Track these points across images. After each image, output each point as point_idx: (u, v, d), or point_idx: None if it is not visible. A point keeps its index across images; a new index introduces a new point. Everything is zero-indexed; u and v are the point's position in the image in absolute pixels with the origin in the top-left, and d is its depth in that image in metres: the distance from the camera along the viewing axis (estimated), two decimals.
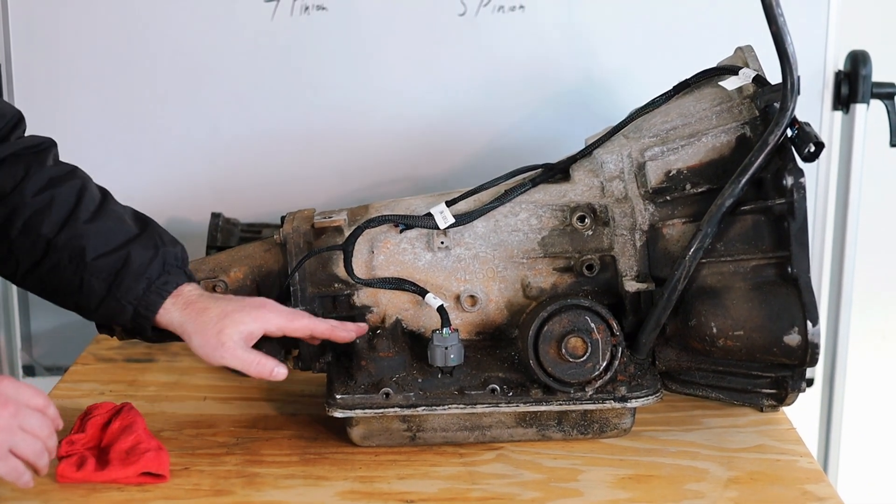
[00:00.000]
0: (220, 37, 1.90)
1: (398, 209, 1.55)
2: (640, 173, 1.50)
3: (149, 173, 1.94)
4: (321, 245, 1.52)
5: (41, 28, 1.90)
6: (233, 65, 1.91)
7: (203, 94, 1.92)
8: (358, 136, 1.94)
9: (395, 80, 1.92)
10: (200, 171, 1.95)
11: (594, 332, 1.44)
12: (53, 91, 1.93)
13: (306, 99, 1.92)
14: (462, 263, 1.51)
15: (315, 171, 1.95)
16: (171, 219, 1.96)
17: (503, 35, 1.90)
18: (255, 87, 1.92)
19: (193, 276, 1.47)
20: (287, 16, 1.90)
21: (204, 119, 1.93)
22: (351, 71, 1.91)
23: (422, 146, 1.94)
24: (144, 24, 1.89)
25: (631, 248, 1.48)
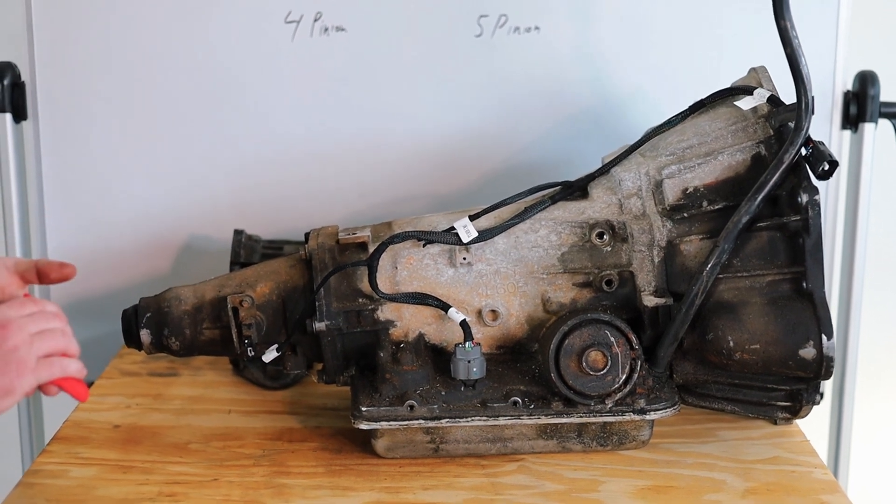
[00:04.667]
0: (240, 57, 1.93)
1: (420, 225, 1.59)
2: (658, 191, 1.53)
3: (171, 191, 1.98)
4: (345, 261, 1.56)
5: (65, 48, 1.93)
6: (253, 84, 1.94)
7: (224, 113, 1.95)
8: (376, 155, 1.97)
9: (413, 100, 1.95)
10: (221, 189, 1.98)
11: (614, 346, 1.47)
12: (76, 110, 1.96)
13: (325, 118, 1.95)
14: (483, 279, 1.55)
15: (334, 189, 1.98)
16: (193, 235, 1.99)
17: (519, 55, 1.94)
18: (275, 107, 1.95)
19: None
20: (307, 36, 1.93)
21: (225, 138, 1.96)
22: (369, 91, 1.95)
23: (439, 164, 1.97)
24: (167, 44, 1.93)
25: (649, 263, 1.52)
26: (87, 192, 1.98)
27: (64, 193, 1.98)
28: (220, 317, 1.57)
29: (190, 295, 1.59)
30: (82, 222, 2.00)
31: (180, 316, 1.57)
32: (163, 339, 1.58)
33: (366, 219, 1.97)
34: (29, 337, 1.30)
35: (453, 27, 1.93)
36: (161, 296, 1.60)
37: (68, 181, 1.98)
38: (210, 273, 1.88)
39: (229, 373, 1.80)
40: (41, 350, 1.31)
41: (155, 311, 1.58)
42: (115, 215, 1.99)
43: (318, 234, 1.61)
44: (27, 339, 1.29)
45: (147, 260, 2.01)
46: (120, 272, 2.01)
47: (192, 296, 1.59)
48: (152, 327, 1.58)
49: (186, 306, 1.58)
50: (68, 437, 1.58)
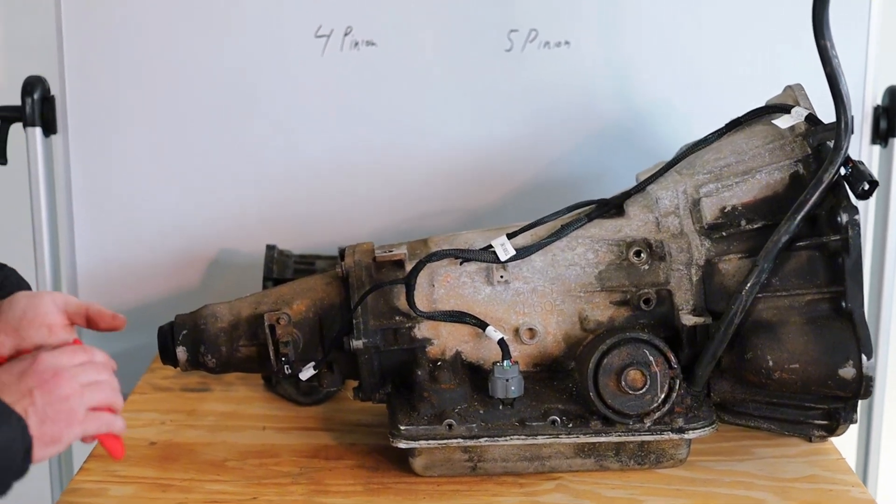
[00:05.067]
0: (271, 71, 1.94)
1: (457, 243, 1.59)
2: (696, 209, 1.53)
3: (200, 205, 1.98)
4: (382, 278, 1.56)
5: (94, 62, 1.93)
6: (284, 98, 1.95)
7: (254, 127, 1.96)
8: (406, 169, 1.97)
9: (443, 115, 1.95)
10: (251, 203, 1.98)
11: (653, 365, 1.47)
12: (106, 124, 1.96)
13: (356, 132, 1.96)
14: (521, 297, 1.55)
15: (364, 203, 1.98)
16: (223, 249, 2.00)
17: (548, 70, 1.94)
18: (305, 121, 1.95)
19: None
20: (337, 51, 1.94)
21: (255, 151, 1.96)
22: (399, 105, 1.95)
23: (469, 179, 1.97)
24: (197, 59, 1.93)
25: (687, 282, 1.52)
26: (116, 205, 1.99)
27: (93, 207, 1.98)
28: (257, 334, 1.57)
29: (226, 312, 1.59)
30: (111, 236, 2.00)
31: (216, 333, 1.57)
32: (199, 356, 1.58)
33: (396, 233, 1.98)
34: (80, 388, 1.29)
35: (484, 42, 1.93)
36: (197, 313, 1.60)
37: (97, 195, 1.98)
38: (239, 287, 1.89)
39: (261, 388, 1.80)
40: (90, 402, 1.30)
41: (191, 329, 1.58)
42: (144, 229, 2.00)
43: (354, 251, 1.61)
44: (78, 390, 1.28)
45: (176, 273, 2.01)
46: (149, 286, 2.01)
47: (228, 313, 1.59)
48: (188, 345, 1.58)
49: (223, 323, 1.58)
50: (105, 455, 1.58)
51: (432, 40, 1.93)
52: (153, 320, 1.67)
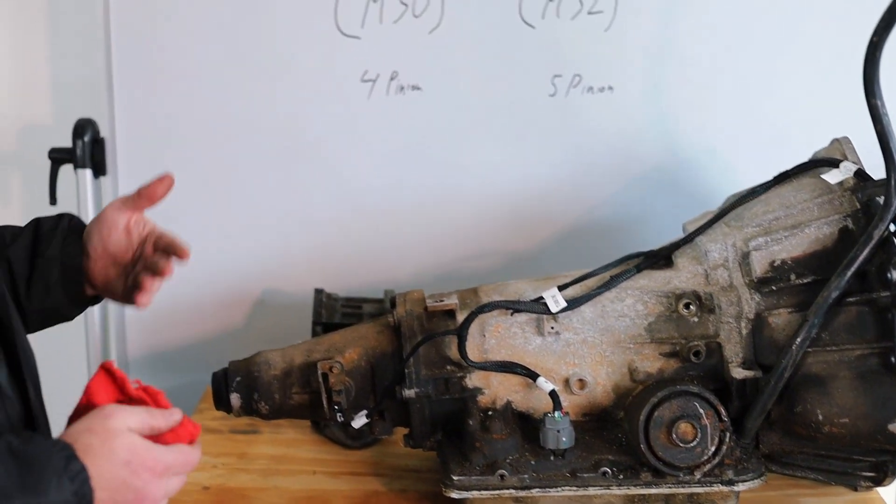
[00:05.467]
0: (318, 114, 1.96)
1: (507, 293, 1.61)
2: (745, 262, 1.55)
3: (247, 246, 2.00)
4: (434, 328, 1.58)
5: (144, 105, 1.96)
6: (330, 141, 1.97)
7: (301, 169, 1.98)
8: (451, 211, 2.00)
9: (487, 158, 1.98)
10: (297, 244, 2.01)
11: (703, 418, 1.49)
12: (155, 166, 1.95)
13: (400, 175, 1.98)
14: (571, 348, 1.57)
15: (409, 244, 2.01)
16: (268, 290, 2.02)
17: (592, 115, 1.96)
18: (350, 164, 1.98)
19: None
20: (383, 95, 1.96)
21: (301, 194, 1.99)
22: (444, 148, 1.98)
23: (512, 221, 2.00)
24: (247, 103, 1.96)
25: (737, 335, 1.54)
26: None
27: None
28: (310, 382, 1.59)
29: (279, 360, 1.61)
30: None
31: (270, 381, 1.60)
32: (252, 403, 1.60)
33: (439, 274, 2.00)
34: (164, 495, 1.24)
35: (528, 86, 1.95)
36: (250, 360, 1.62)
37: None
38: (285, 327, 1.92)
39: (309, 430, 1.82)
40: (168, 494, 1.26)
41: (245, 376, 1.60)
42: (191, 269, 1.97)
43: (405, 300, 1.63)
44: (161, 496, 1.24)
45: (222, 313, 2.04)
46: (196, 325, 2.04)
47: (280, 360, 1.61)
48: (242, 391, 1.60)
49: (276, 371, 1.60)
50: None
51: (477, 85, 1.96)
52: (200, 359, 1.71)
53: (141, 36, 1.94)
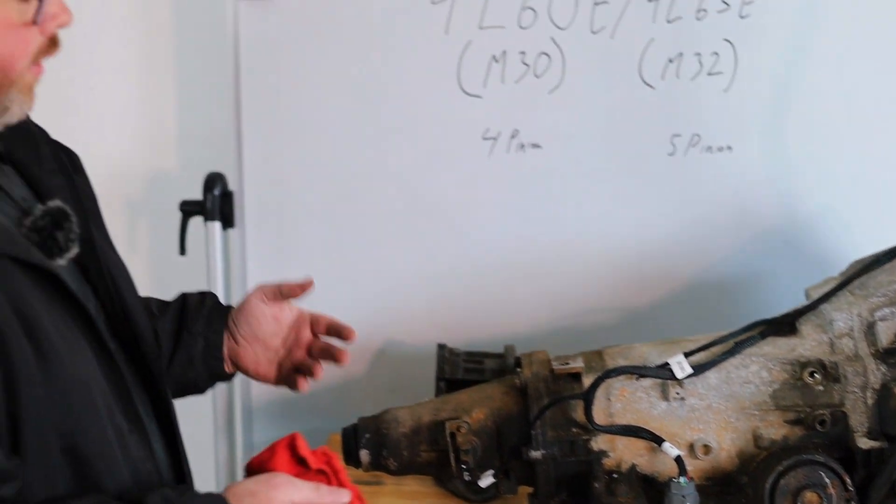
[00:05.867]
0: (440, 170, 2.01)
1: (631, 357, 1.64)
2: (870, 332, 1.57)
3: (369, 298, 2.05)
4: (560, 390, 1.61)
5: (272, 160, 2.02)
6: (451, 197, 2.02)
7: (422, 224, 2.03)
8: (569, 267, 2.03)
9: (605, 215, 2.01)
10: (418, 297, 2.05)
11: (828, 487, 1.51)
12: (282, 219, 2.04)
13: (520, 231, 2.02)
14: (696, 413, 1.59)
15: (527, 299, 2.04)
16: (390, 341, 2.07)
17: (710, 174, 1.99)
18: (471, 220, 2.02)
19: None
20: (504, 153, 2.00)
21: (423, 248, 2.03)
22: (563, 205, 2.01)
23: (629, 278, 2.03)
24: (370, 157, 2.00)
25: (862, 405, 1.55)
26: None
27: None
28: (437, 440, 1.63)
29: (407, 417, 1.66)
30: None
31: (398, 438, 1.64)
32: (381, 459, 1.64)
33: (558, 329, 2.03)
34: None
35: (647, 145, 1.99)
36: (379, 417, 1.67)
37: None
38: (405, 378, 1.97)
39: (431, 482, 1.86)
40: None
41: (374, 433, 1.65)
42: None
43: (531, 361, 1.66)
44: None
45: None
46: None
47: (409, 418, 1.66)
48: (371, 448, 1.64)
49: (404, 429, 1.65)
50: None
51: (596, 143, 1.99)
52: (322, 407, 1.76)
53: (269, 91, 2.00)
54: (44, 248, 1.21)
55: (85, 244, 1.28)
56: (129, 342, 1.34)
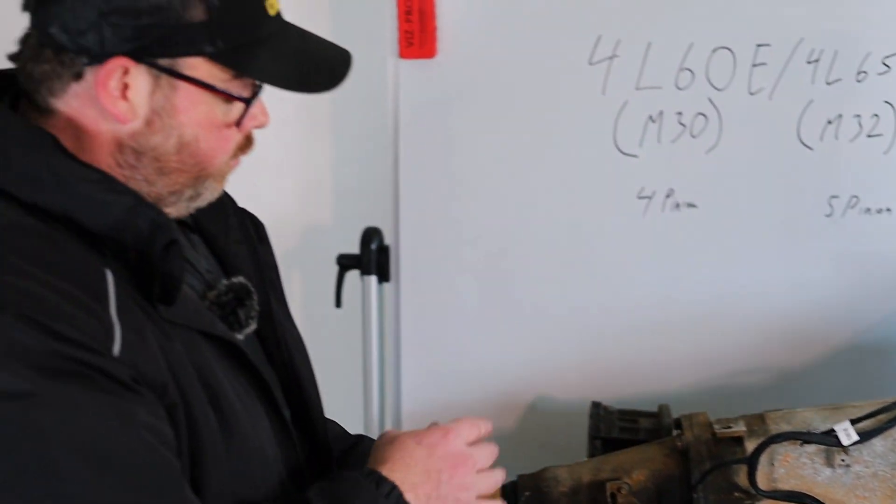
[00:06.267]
0: (594, 229, 2.02)
1: (794, 422, 1.63)
2: None
3: (521, 353, 2.07)
4: (721, 453, 1.61)
5: (428, 216, 2.05)
6: (605, 255, 2.03)
7: (574, 282, 2.05)
8: (722, 327, 2.03)
9: (761, 275, 2.00)
10: (569, 353, 2.07)
11: None
12: (436, 274, 2.08)
13: (674, 290, 2.03)
14: (861, 481, 1.58)
15: (680, 358, 2.04)
16: (541, 398, 2.09)
17: (869, 235, 1.97)
18: (624, 278, 2.03)
19: None
20: (658, 211, 2.01)
21: (575, 305, 2.05)
22: (718, 264, 2.01)
23: (785, 339, 2.01)
24: (524, 214, 2.03)
25: None
26: (441, 349, 2.10)
27: (419, 350, 2.10)
28: (597, 500, 1.63)
29: (566, 476, 1.67)
30: (435, 378, 2.11)
31: (558, 497, 1.65)
32: None
33: (711, 388, 2.03)
34: (476, 477, 1.30)
35: (804, 206, 1.98)
36: (539, 475, 1.68)
37: (424, 339, 2.10)
38: (556, 433, 1.98)
39: None
40: (481, 491, 1.31)
41: (533, 491, 1.66)
42: (466, 373, 2.10)
43: (692, 423, 1.67)
44: (475, 480, 1.30)
45: (495, 416, 2.08)
46: None
47: (568, 477, 1.67)
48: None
49: (564, 488, 1.66)
50: None
51: (752, 203, 1.99)
52: None
53: (426, 147, 2.04)
54: (225, 321, 1.26)
55: (264, 317, 1.32)
56: (299, 411, 1.37)
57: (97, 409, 1.04)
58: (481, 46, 1.98)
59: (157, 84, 1.13)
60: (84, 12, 1.09)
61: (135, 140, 1.15)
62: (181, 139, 1.16)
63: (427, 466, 1.27)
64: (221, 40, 1.13)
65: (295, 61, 1.20)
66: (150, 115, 1.14)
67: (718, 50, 1.93)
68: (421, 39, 1.97)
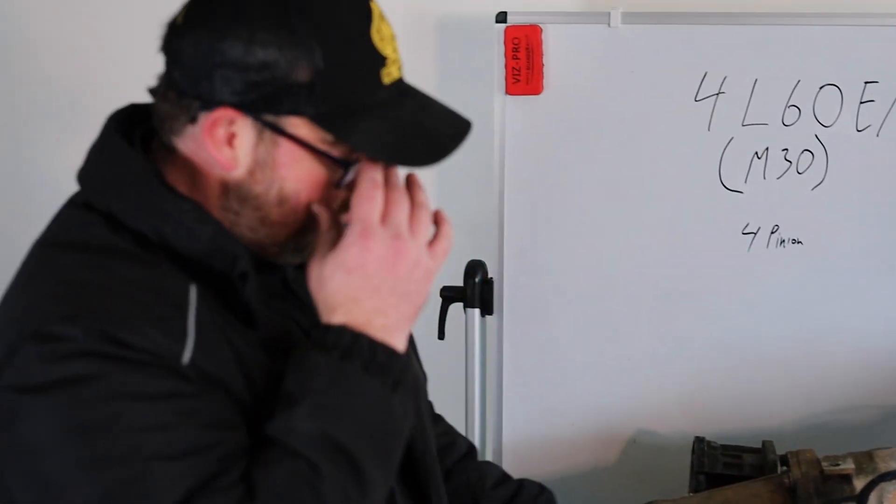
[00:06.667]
0: (698, 263, 2.03)
1: None
2: None
3: (622, 387, 2.08)
4: (829, 491, 1.60)
5: (532, 250, 2.07)
6: (709, 290, 2.03)
7: (678, 316, 2.05)
8: (825, 363, 2.02)
9: (866, 311, 1.99)
10: (670, 387, 2.07)
11: None
12: (539, 307, 2.10)
13: (777, 325, 2.02)
14: None
15: (782, 394, 2.04)
16: (642, 431, 2.09)
17: None
18: (728, 313, 2.03)
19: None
20: (763, 247, 2.01)
21: (676, 339, 2.05)
22: (823, 301, 2.00)
23: (888, 376, 2.00)
24: (627, 248, 2.04)
25: None
26: (542, 382, 2.11)
27: (521, 383, 2.12)
28: None
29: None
30: (535, 411, 2.13)
31: None
32: None
33: (813, 424, 2.02)
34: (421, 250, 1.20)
35: None
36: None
37: (525, 372, 2.12)
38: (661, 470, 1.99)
39: None
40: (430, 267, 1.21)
41: None
42: (566, 406, 2.11)
43: (799, 460, 1.66)
44: (423, 255, 1.20)
45: (595, 450, 2.11)
46: (569, 460, 2.12)
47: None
48: None
49: None
50: None
51: (859, 240, 1.98)
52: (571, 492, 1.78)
53: (531, 182, 2.06)
54: None
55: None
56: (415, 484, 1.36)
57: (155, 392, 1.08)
58: (587, 83, 2.01)
59: (260, 137, 1.16)
60: (200, 62, 1.14)
61: (239, 187, 1.19)
62: (282, 193, 1.19)
63: (369, 285, 1.17)
64: (324, 104, 1.15)
65: (399, 132, 1.19)
66: (253, 166, 1.18)
67: (826, 87, 1.93)
68: (527, 76, 2.00)
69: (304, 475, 1.10)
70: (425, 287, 1.20)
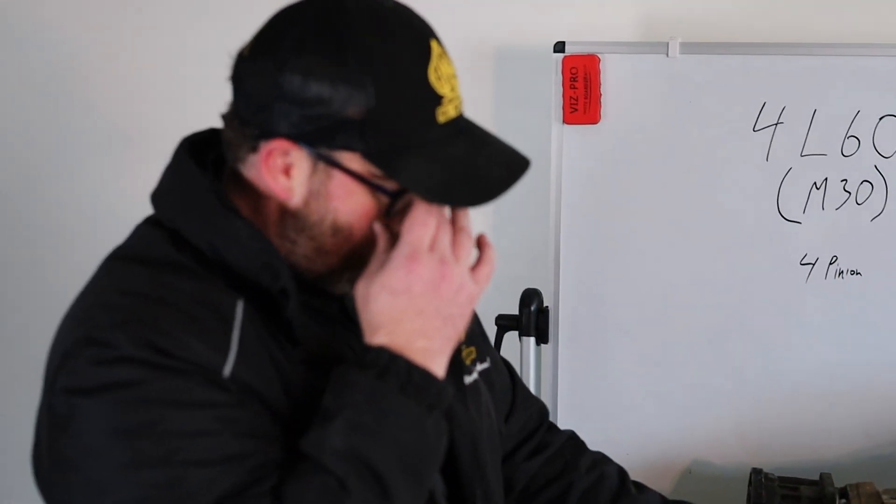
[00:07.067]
0: (755, 293, 2.02)
1: None
2: None
3: (677, 417, 2.07)
4: None
5: (587, 278, 2.08)
6: (766, 320, 2.03)
7: (735, 346, 2.04)
8: (884, 395, 2.00)
9: None
10: (726, 418, 2.06)
11: None
12: (594, 336, 2.10)
13: (836, 357, 2.01)
14: None
15: (840, 426, 2.02)
16: (697, 462, 2.08)
17: None
18: (785, 343, 2.02)
19: None
20: (821, 278, 2.00)
21: (733, 369, 2.05)
22: (881, 332, 1.99)
23: None
24: (684, 281, 2.04)
25: None
26: (597, 411, 2.11)
27: (576, 411, 2.11)
28: None
29: None
30: (591, 439, 2.10)
31: None
32: None
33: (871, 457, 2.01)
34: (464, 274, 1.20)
35: None
36: None
37: (581, 401, 2.11)
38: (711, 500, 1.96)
39: None
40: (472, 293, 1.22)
41: None
42: (622, 435, 2.11)
43: (858, 492, 1.66)
44: (467, 279, 1.20)
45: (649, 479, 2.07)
46: None
47: None
48: None
49: None
50: None
51: None
52: None
53: (587, 211, 2.07)
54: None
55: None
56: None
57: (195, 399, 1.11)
58: (644, 113, 2.01)
59: (314, 168, 1.18)
60: (261, 93, 1.17)
61: (296, 216, 1.21)
62: (335, 223, 1.21)
63: (413, 307, 1.18)
64: (374, 140, 1.16)
65: (448, 172, 1.19)
66: (308, 196, 1.20)
67: (886, 117, 1.93)
68: (585, 105, 2.01)
69: (331, 490, 1.12)
70: (468, 311, 1.21)
